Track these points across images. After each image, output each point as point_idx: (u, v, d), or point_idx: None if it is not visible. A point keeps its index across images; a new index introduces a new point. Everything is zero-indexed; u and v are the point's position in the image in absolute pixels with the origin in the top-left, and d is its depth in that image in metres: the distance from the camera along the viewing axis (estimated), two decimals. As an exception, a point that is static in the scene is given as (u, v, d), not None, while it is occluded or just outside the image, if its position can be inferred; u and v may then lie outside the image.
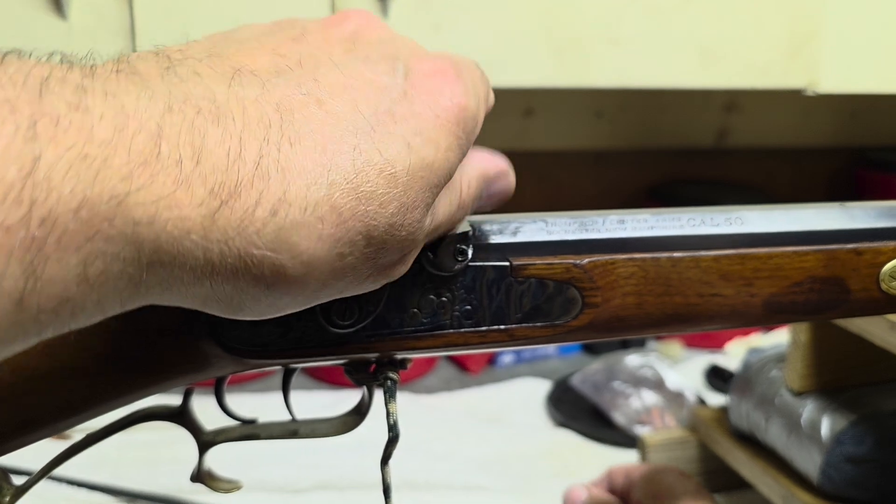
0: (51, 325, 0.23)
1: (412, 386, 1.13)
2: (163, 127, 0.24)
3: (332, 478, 0.89)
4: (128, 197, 0.22)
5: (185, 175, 0.24)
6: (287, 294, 0.27)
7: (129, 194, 0.22)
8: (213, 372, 0.36)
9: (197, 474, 0.40)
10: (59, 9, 0.82)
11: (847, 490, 0.73)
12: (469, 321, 0.36)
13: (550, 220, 0.38)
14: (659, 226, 0.39)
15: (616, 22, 0.96)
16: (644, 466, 0.63)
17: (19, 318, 0.21)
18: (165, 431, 0.48)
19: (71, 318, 0.23)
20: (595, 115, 1.41)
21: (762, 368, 0.84)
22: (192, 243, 0.24)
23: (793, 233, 0.40)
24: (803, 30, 1.03)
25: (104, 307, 0.24)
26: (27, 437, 0.34)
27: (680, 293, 0.38)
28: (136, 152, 0.23)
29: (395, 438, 0.36)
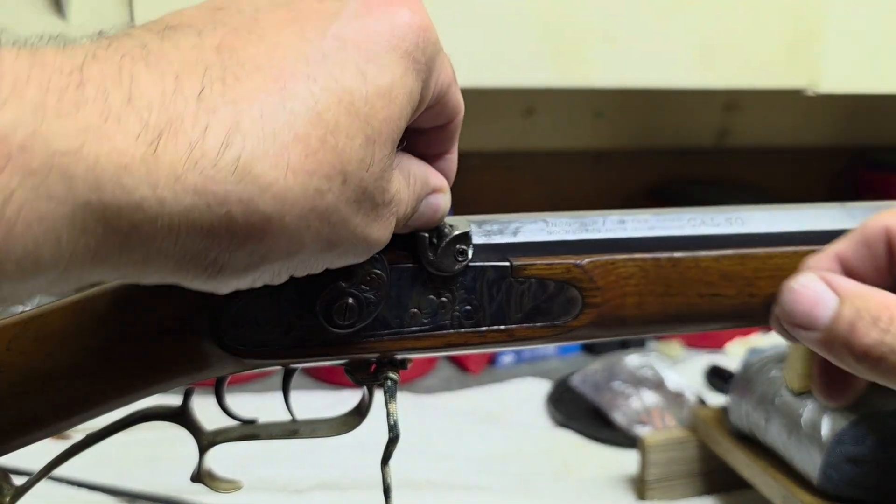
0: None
1: (412, 386, 1.13)
2: (85, 69, 0.23)
3: (332, 478, 0.89)
4: (42, 125, 0.21)
5: (115, 110, 0.23)
6: (266, 238, 0.25)
7: (44, 121, 0.21)
8: (213, 372, 0.36)
9: (197, 474, 0.40)
10: (59, 9, 0.82)
11: (847, 490, 0.73)
12: (469, 321, 0.36)
13: (551, 220, 0.38)
14: (659, 226, 0.39)
15: (616, 22, 0.96)
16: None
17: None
18: (165, 431, 0.48)
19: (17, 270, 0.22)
20: (595, 115, 1.41)
21: (762, 368, 0.84)
22: (135, 181, 0.23)
23: (793, 233, 0.40)
24: (804, 29, 1.03)
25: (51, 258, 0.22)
26: (27, 437, 0.34)
27: (680, 293, 0.38)
28: (54, 89, 0.22)
29: (396, 438, 0.36)
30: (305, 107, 0.25)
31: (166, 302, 0.34)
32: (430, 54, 0.29)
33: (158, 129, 0.23)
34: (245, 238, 0.25)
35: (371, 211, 0.28)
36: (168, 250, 0.25)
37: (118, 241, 0.24)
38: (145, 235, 0.24)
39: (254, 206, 0.24)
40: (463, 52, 0.92)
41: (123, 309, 0.34)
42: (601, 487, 0.91)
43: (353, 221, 0.28)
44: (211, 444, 0.40)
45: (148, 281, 0.26)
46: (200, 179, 0.24)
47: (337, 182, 0.26)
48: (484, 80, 0.95)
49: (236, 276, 0.27)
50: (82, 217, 0.22)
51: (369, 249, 0.30)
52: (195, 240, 0.25)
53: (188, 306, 0.34)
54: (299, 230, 0.26)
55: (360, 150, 0.27)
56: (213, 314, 0.34)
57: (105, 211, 0.23)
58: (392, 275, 0.35)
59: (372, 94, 0.27)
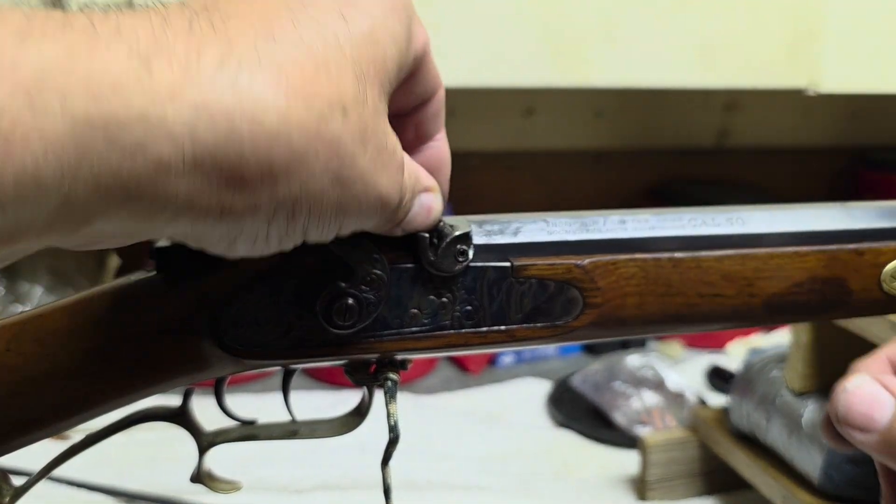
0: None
1: (412, 386, 1.13)
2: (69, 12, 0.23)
3: (332, 478, 0.89)
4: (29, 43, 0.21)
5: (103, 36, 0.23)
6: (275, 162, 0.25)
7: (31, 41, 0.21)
8: (213, 372, 0.35)
9: (197, 475, 0.40)
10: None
11: (847, 490, 0.73)
12: (470, 322, 0.36)
13: (551, 220, 0.38)
14: (660, 226, 0.38)
15: (616, 22, 0.96)
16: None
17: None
18: (165, 432, 0.48)
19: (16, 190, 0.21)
20: (595, 114, 1.41)
21: (763, 369, 0.84)
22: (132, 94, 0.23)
23: (794, 233, 0.40)
24: (804, 29, 1.03)
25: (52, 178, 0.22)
26: (27, 438, 0.34)
27: (681, 293, 0.38)
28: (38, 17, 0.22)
29: (396, 439, 0.36)
30: (295, 43, 0.26)
31: (166, 302, 0.34)
32: (406, 4, 0.30)
33: (149, 54, 0.23)
34: (254, 161, 0.25)
35: (377, 155, 0.28)
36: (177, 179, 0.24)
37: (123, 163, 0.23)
38: (151, 157, 0.23)
39: (258, 122, 0.24)
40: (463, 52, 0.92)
41: (123, 309, 0.34)
42: (601, 488, 0.91)
43: (361, 161, 0.27)
44: (210, 445, 0.40)
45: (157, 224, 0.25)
46: (199, 95, 0.24)
47: (338, 112, 0.26)
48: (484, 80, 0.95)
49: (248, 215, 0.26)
50: (83, 133, 0.22)
51: (381, 204, 0.29)
52: (203, 164, 0.24)
53: (188, 306, 0.34)
54: (307, 155, 0.26)
55: (353, 85, 0.27)
56: (213, 314, 0.34)
57: (106, 126, 0.22)
58: (392, 275, 0.35)
59: (356, 35, 0.27)
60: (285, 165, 0.25)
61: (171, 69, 0.23)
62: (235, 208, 0.26)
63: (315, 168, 0.26)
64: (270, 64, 0.25)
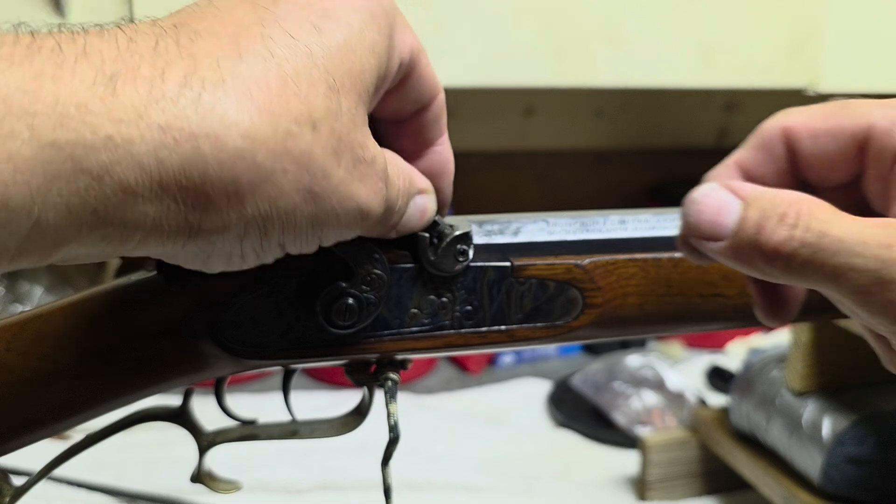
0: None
1: (412, 386, 1.13)
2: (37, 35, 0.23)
3: (332, 478, 0.89)
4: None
5: (69, 60, 0.23)
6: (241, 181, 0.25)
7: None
8: (213, 372, 0.35)
9: (197, 475, 0.40)
10: (59, 7, 0.82)
11: (848, 491, 0.73)
12: (470, 322, 0.36)
13: (551, 220, 0.38)
14: (660, 226, 0.38)
15: (617, 21, 0.96)
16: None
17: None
18: (165, 432, 0.48)
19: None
20: (595, 114, 1.41)
21: (763, 369, 0.84)
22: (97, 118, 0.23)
23: None
24: (804, 29, 1.03)
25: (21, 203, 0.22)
26: (27, 438, 0.34)
27: (681, 293, 0.38)
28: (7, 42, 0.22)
29: (396, 439, 0.36)
30: (263, 59, 0.26)
31: (166, 302, 0.34)
32: (388, 9, 0.30)
33: (114, 74, 0.23)
34: (219, 181, 0.25)
35: (353, 167, 0.28)
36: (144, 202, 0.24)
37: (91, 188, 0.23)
38: (118, 181, 0.23)
39: (222, 142, 0.24)
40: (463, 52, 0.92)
41: (122, 310, 0.34)
42: (601, 488, 0.91)
43: (335, 175, 0.27)
44: (211, 445, 0.40)
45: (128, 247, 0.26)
46: (164, 117, 0.24)
47: (307, 127, 0.26)
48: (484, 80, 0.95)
49: (217, 234, 0.26)
50: (51, 157, 0.22)
51: (361, 215, 0.29)
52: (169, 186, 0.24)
53: (188, 307, 0.34)
54: (274, 173, 0.26)
55: (325, 98, 0.27)
56: (213, 315, 0.34)
57: (73, 150, 0.23)
58: (392, 275, 0.35)
59: (330, 46, 0.27)
60: (251, 184, 0.25)
61: (137, 90, 0.23)
62: (204, 228, 0.26)
63: (284, 185, 0.26)
64: (235, 82, 0.25)
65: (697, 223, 0.31)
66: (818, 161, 0.33)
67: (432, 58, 0.33)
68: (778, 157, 0.34)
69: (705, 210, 0.31)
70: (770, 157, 0.34)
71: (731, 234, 0.30)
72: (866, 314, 0.29)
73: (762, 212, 0.30)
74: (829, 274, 0.28)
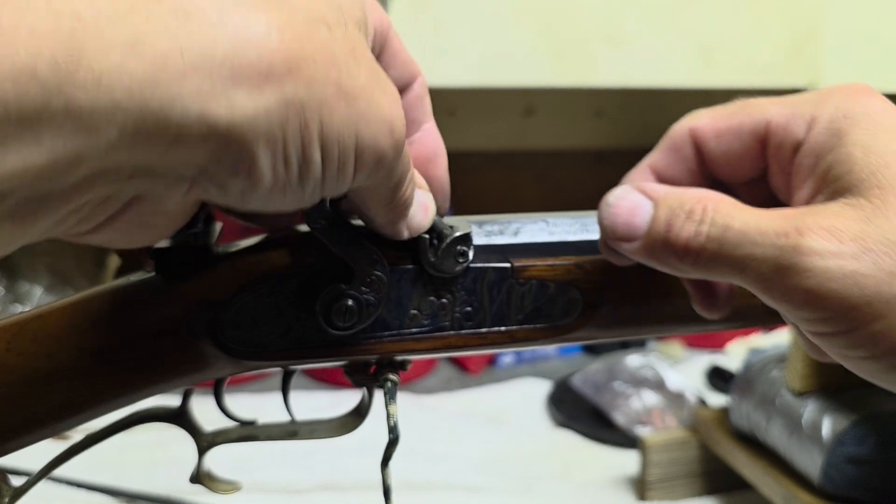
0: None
1: (412, 386, 1.13)
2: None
3: (331, 479, 0.89)
4: None
5: None
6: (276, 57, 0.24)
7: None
8: (212, 373, 0.35)
9: (196, 475, 0.40)
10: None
11: (848, 490, 0.73)
12: (470, 322, 0.36)
13: (552, 220, 0.38)
14: (660, 226, 0.38)
15: (617, 22, 0.96)
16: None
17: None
18: (165, 432, 0.48)
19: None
20: (595, 114, 1.41)
21: (763, 369, 0.84)
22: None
23: None
24: (804, 29, 1.03)
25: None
26: (27, 438, 0.34)
27: (681, 293, 0.38)
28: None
29: (396, 440, 0.36)
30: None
31: (165, 303, 0.34)
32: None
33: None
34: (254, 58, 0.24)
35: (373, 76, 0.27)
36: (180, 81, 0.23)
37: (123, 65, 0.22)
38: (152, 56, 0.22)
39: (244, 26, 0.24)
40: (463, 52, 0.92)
41: (123, 310, 0.34)
42: (602, 488, 0.91)
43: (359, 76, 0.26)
44: (210, 445, 0.40)
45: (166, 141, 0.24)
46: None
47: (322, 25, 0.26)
48: (484, 80, 0.95)
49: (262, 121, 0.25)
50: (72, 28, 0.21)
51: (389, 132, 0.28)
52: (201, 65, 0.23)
53: (187, 307, 0.34)
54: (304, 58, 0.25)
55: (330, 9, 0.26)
56: (212, 315, 0.34)
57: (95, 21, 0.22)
58: (392, 276, 0.34)
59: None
60: (284, 63, 0.25)
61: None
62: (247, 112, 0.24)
63: (315, 73, 0.25)
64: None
65: (612, 225, 0.32)
66: (724, 159, 0.35)
67: (432, 58, 0.33)
68: (687, 157, 0.36)
69: (619, 212, 0.32)
70: (680, 158, 0.36)
71: (644, 233, 0.32)
72: (772, 302, 0.30)
73: (671, 210, 0.31)
74: (735, 265, 0.29)
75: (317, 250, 0.33)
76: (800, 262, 0.28)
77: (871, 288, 0.28)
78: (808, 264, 0.28)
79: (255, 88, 0.24)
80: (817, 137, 0.32)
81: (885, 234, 0.28)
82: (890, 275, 0.28)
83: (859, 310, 0.28)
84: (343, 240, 0.32)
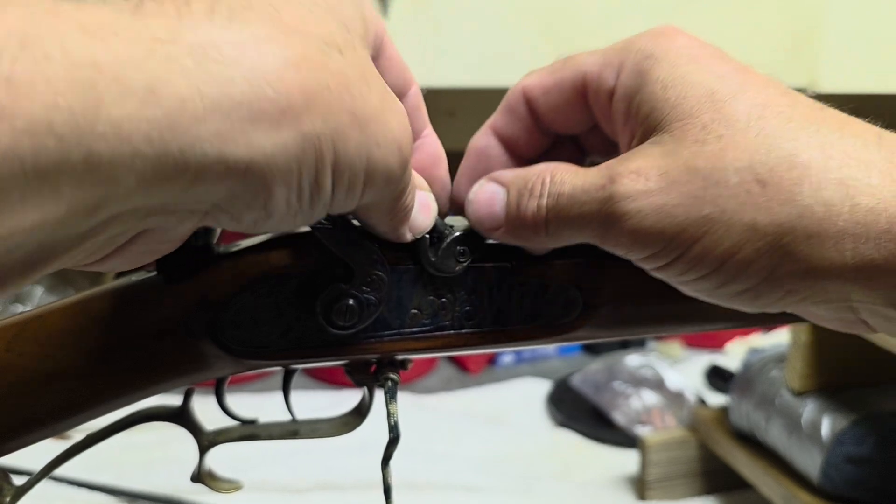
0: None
1: (412, 386, 1.13)
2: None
3: (332, 478, 0.89)
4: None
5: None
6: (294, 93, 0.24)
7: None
8: (213, 373, 0.35)
9: (197, 475, 0.40)
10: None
11: (847, 490, 0.73)
12: (470, 322, 0.36)
13: (551, 220, 0.38)
14: (660, 226, 0.38)
15: (616, 22, 0.96)
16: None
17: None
18: (166, 432, 0.48)
19: None
20: (595, 114, 1.41)
21: (762, 368, 0.84)
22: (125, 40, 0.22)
23: None
24: (804, 29, 1.03)
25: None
26: (27, 438, 0.34)
27: (681, 293, 0.38)
28: None
29: (396, 439, 0.36)
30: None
31: (166, 303, 0.34)
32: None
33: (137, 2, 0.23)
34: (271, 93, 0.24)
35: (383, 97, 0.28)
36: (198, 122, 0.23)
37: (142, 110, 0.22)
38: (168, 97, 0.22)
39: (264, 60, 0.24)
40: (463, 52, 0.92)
41: (123, 309, 0.34)
42: (601, 487, 0.91)
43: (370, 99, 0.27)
44: (211, 445, 0.40)
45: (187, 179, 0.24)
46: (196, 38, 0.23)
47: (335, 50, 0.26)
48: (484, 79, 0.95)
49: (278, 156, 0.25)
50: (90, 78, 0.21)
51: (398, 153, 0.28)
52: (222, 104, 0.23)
53: (188, 307, 0.34)
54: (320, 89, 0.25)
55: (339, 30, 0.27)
56: (212, 315, 0.34)
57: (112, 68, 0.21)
58: (393, 276, 0.35)
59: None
60: (303, 96, 0.25)
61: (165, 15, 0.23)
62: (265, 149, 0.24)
63: (331, 102, 0.26)
64: (260, 5, 0.25)
65: (479, 219, 0.34)
66: (554, 114, 0.37)
67: (432, 58, 0.33)
68: (523, 116, 0.38)
69: (479, 206, 0.34)
70: (517, 118, 0.38)
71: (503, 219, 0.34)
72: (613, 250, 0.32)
73: (518, 191, 0.33)
74: (575, 226, 0.31)
75: (317, 250, 0.33)
76: (617, 208, 0.30)
77: (682, 215, 0.29)
78: (624, 208, 0.30)
79: (273, 126, 0.24)
80: (625, 81, 0.33)
81: (686, 163, 0.30)
82: (696, 199, 0.29)
83: (678, 237, 0.30)
84: (343, 240, 0.33)
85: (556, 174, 0.32)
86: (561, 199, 0.32)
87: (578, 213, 0.31)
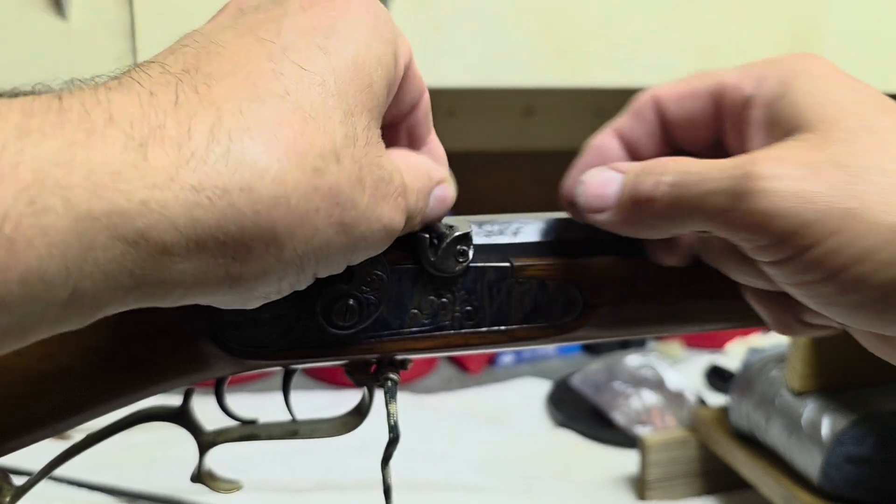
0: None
1: (412, 386, 1.13)
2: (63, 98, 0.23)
3: (332, 478, 0.89)
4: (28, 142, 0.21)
5: (98, 127, 0.23)
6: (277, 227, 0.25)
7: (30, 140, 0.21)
8: (213, 373, 0.35)
9: (197, 475, 0.40)
10: (60, 8, 0.82)
11: (847, 490, 0.73)
12: (470, 322, 0.36)
13: (551, 220, 0.38)
14: (660, 226, 0.38)
15: (616, 22, 0.96)
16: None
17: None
18: (166, 432, 0.48)
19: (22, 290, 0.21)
20: (595, 115, 1.41)
21: (762, 368, 0.84)
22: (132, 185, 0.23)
23: None
24: (804, 29, 1.03)
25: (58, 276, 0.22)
26: (27, 438, 0.34)
27: (680, 293, 0.38)
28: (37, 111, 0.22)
29: (396, 439, 0.36)
30: (281, 99, 0.26)
31: (166, 302, 0.34)
32: (386, 16, 0.30)
33: (143, 139, 0.23)
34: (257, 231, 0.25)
35: (375, 189, 0.28)
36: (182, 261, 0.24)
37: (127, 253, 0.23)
38: (154, 244, 0.23)
39: (255, 192, 0.24)
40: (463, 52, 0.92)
41: (123, 309, 0.34)
42: (601, 488, 0.91)
43: (361, 202, 0.27)
44: (211, 445, 0.40)
45: (170, 301, 0.26)
46: (196, 176, 0.24)
47: (332, 160, 0.26)
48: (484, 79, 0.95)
49: (258, 280, 0.26)
50: (85, 228, 0.22)
51: (387, 233, 0.29)
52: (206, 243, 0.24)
53: (187, 307, 0.34)
54: (308, 213, 0.26)
55: (342, 125, 0.27)
56: (213, 315, 0.34)
57: (108, 219, 0.22)
58: (393, 276, 0.35)
59: (339, 66, 0.27)
60: (289, 228, 0.26)
61: (166, 151, 0.23)
62: (245, 277, 0.26)
63: (318, 223, 0.26)
64: (260, 127, 0.25)
65: (587, 200, 0.35)
66: (683, 122, 0.37)
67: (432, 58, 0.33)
68: (650, 121, 0.38)
69: (591, 187, 0.35)
70: (643, 122, 0.39)
71: (614, 203, 0.34)
72: (730, 233, 0.31)
73: (636, 175, 0.33)
74: (696, 204, 0.31)
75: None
76: (753, 185, 0.29)
77: (823, 204, 0.28)
78: (761, 186, 0.29)
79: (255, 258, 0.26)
80: (767, 89, 0.34)
81: (832, 157, 0.29)
82: (840, 192, 0.28)
83: (813, 226, 0.28)
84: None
85: (681, 160, 0.32)
86: (689, 176, 0.31)
87: (704, 190, 0.30)
